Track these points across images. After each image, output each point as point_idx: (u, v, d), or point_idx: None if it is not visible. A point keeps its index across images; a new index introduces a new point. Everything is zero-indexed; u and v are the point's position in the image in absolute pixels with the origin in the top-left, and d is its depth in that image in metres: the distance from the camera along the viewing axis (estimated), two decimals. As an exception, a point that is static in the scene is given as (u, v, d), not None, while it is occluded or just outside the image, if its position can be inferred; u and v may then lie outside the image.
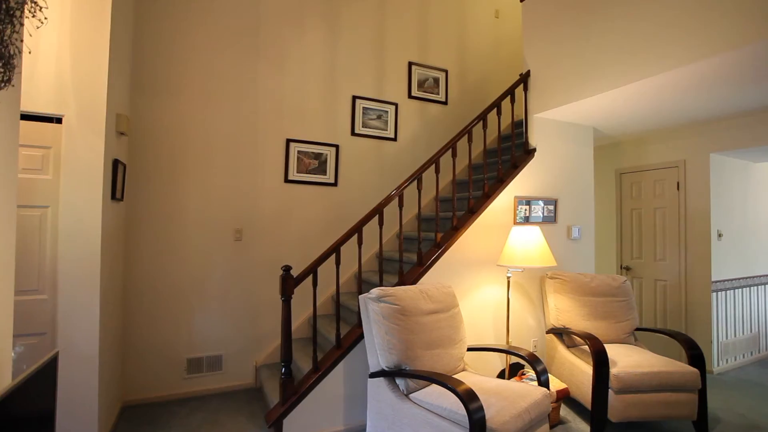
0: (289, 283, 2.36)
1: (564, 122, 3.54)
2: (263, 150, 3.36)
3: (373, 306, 2.25)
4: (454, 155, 3.03)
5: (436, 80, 4.16)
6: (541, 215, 3.36)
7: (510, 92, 3.32)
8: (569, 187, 3.53)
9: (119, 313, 2.77)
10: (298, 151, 3.46)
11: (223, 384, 3.16)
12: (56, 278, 2.13)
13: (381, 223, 2.70)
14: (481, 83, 4.43)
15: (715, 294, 3.57)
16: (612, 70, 2.76)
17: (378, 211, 2.67)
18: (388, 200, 2.70)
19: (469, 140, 3.11)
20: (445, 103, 4.18)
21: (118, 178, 2.54)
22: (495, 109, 3.32)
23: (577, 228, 3.55)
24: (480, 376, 2.34)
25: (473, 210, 3.05)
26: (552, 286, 3.12)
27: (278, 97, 3.42)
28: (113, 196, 2.48)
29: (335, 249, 2.53)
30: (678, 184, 3.78)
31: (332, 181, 3.58)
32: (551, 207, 3.41)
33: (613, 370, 2.44)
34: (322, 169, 3.55)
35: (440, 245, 2.89)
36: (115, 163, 2.49)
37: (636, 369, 2.43)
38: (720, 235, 3.62)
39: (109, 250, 2.44)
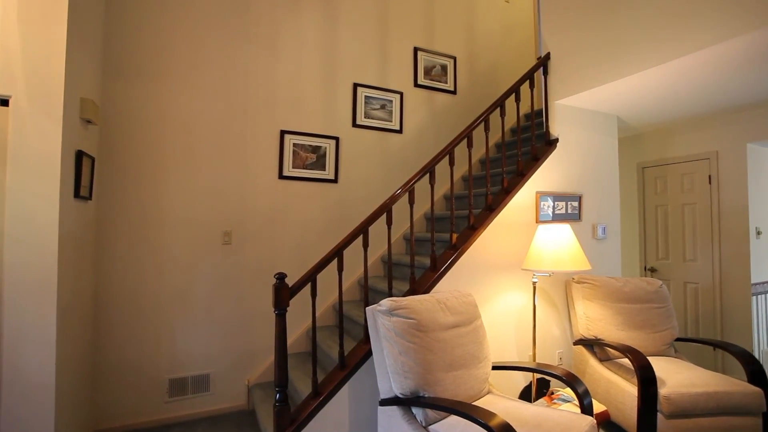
0: (283, 293, 2.00)
1: (587, 110, 3.21)
2: (255, 142, 3.00)
3: (383, 320, 1.90)
4: (469, 145, 2.69)
5: (444, 68, 3.82)
6: (565, 212, 3.03)
7: (529, 76, 2.99)
8: (593, 181, 3.20)
9: (88, 329, 2.40)
10: (294, 144, 3.11)
11: (211, 407, 2.79)
12: (0, 291, 1.76)
13: (389, 223, 2.36)
14: (491, 71, 4.10)
15: (755, 297, 3.24)
16: (643, 49, 2.43)
17: (386, 209, 2.32)
18: (396, 197, 2.35)
19: (486, 129, 2.77)
20: (453, 92, 3.85)
21: (83, 173, 2.18)
22: (513, 95, 2.99)
23: (602, 226, 3.22)
24: (509, 400, 2.00)
25: (492, 207, 2.71)
26: (580, 291, 2.78)
27: (271, 84, 3.07)
28: (77, 194, 2.12)
29: (337, 253, 2.18)
30: (710, 177, 3.46)
31: (332, 177, 3.23)
32: (575, 203, 3.08)
33: (663, 391, 2.10)
34: (320, 164, 3.20)
35: (456, 247, 2.54)
36: (79, 156, 2.13)
37: (690, 389, 2.09)
38: (759, 233, 3.30)
39: (72, 256, 2.08)
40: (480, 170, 3.87)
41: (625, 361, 2.50)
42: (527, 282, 2.80)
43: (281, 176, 3.06)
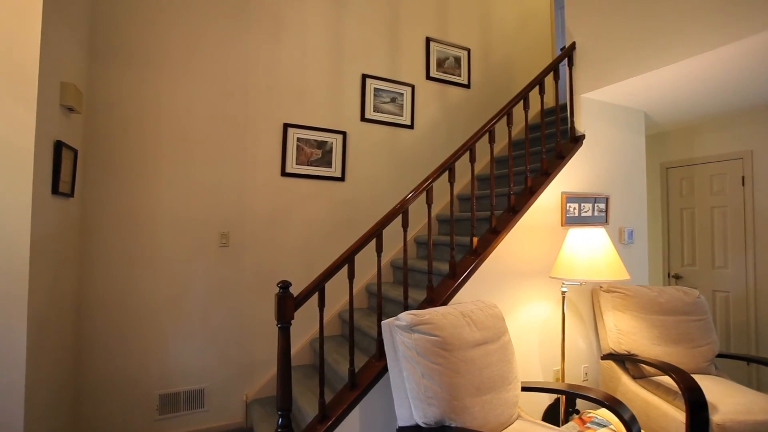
0: (287, 305, 1.76)
1: (613, 105, 2.99)
2: (255, 136, 2.76)
3: (403, 337, 1.66)
4: (491, 140, 2.46)
5: (458, 60, 3.59)
6: (591, 215, 2.79)
7: (553, 67, 2.76)
8: (620, 181, 2.97)
9: (69, 342, 2.15)
10: (298, 139, 2.87)
11: (205, 425, 2.55)
12: (-40, 303, 1.52)
13: (405, 226, 2.12)
14: (506, 65, 3.87)
15: (793, 308, 3.01)
16: (683, 37, 2.21)
17: (402, 209, 2.09)
18: (411, 197, 2.11)
19: (509, 123, 2.54)
20: (467, 86, 3.61)
21: (63, 167, 1.94)
22: (537, 87, 2.76)
23: (629, 230, 2.99)
24: (542, 426, 1.76)
25: (515, 209, 2.47)
26: (609, 301, 2.55)
27: (273, 73, 2.83)
28: (56, 190, 1.87)
29: (348, 259, 1.94)
30: (743, 178, 3.23)
31: (339, 174, 2.99)
32: (602, 205, 2.85)
33: (716, 418, 1.86)
34: (326, 161, 2.96)
35: (477, 252, 2.31)
36: (59, 147, 1.89)
37: (747, 416, 1.86)
38: (797, 239, 3.07)
39: (48, 261, 1.83)
40: (497, 169, 3.64)
41: (665, 379, 2.27)
42: (552, 291, 2.57)
43: (284, 173, 2.82)
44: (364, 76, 3.13)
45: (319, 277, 1.88)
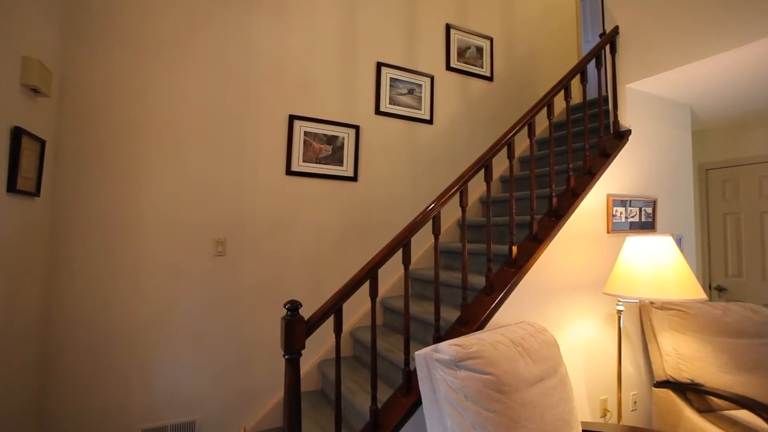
0: (297, 331, 1.41)
1: (658, 97, 2.67)
2: (257, 129, 2.42)
3: (445, 375, 1.31)
4: (531, 134, 2.12)
5: (479, 49, 3.27)
6: (639, 220, 2.46)
7: (596, 53, 2.43)
8: (667, 183, 2.64)
9: (33, 367, 1.79)
10: (305, 133, 2.53)
11: (196, 464, 2.19)
12: None
13: (437, 232, 1.78)
14: (530, 57, 3.55)
15: None
16: (740, 20, 1.91)
17: (432, 213, 1.74)
18: (443, 199, 1.77)
19: (550, 114, 2.22)
20: (490, 78, 3.29)
21: (24, 159, 1.59)
22: (579, 76, 2.44)
23: (678, 237, 2.65)
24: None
25: (558, 213, 2.14)
26: (666, 320, 2.21)
27: (278, 60, 2.50)
28: (13, 188, 1.53)
29: (370, 272, 1.60)
30: (799, 180, 2.91)
31: (351, 174, 2.65)
32: (649, 209, 2.52)
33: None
34: (337, 158, 2.62)
35: (518, 264, 1.97)
36: (17, 135, 1.54)
37: None
38: None
39: (2, 271, 1.48)
40: (525, 168, 3.31)
41: (743, 415, 1.92)
42: (599, 308, 2.23)
43: (289, 171, 2.48)
44: (379, 65, 2.80)
45: (335, 297, 1.53)
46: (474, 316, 1.83)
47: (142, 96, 2.16)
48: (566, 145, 2.44)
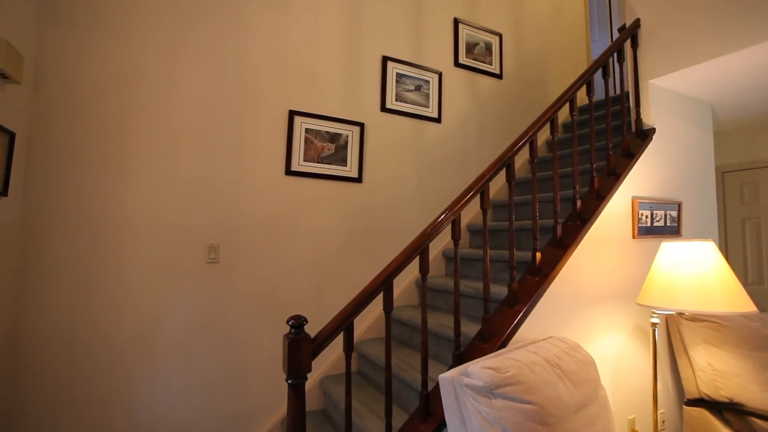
0: (303, 351, 1.22)
1: (682, 95, 2.53)
2: (254, 125, 2.23)
3: (478, 404, 1.12)
4: (553, 131, 1.96)
5: (488, 46, 3.11)
6: (663, 224, 2.30)
7: (618, 47, 2.28)
8: (690, 185, 2.49)
9: (-5, 394, 1.57)
10: (307, 130, 2.35)
11: (184, 496, 1.96)
12: None
13: (457, 238, 1.59)
14: (539, 56, 3.41)
15: None
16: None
17: (452, 216, 1.56)
18: (463, 201, 1.60)
19: (572, 110, 2.06)
20: (499, 76, 3.13)
21: (-13, 153, 1.39)
22: (601, 70, 2.29)
23: (702, 244, 2.49)
24: None
25: (583, 217, 1.96)
26: (699, 333, 2.04)
27: (278, 51, 2.32)
28: (-28, 185, 1.32)
29: (384, 282, 1.41)
30: (824, 184, 2.79)
31: (355, 174, 2.47)
32: (674, 213, 2.36)
33: None
34: (340, 157, 2.43)
35: (542, 272, 1.79)
36: (-21, 124, 1.33)
37: None
38: None
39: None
40: (540, 168, 3.14)
41: (790, 440, 1.75)
42: (626, 319, 2.06)
43: (289, 171, 2.29)
44: (385, 59, 2.63)
45: (345, 311, 1.34)
46: (496, 331, 1.65)
47: (131, 88, 1.96)
48: (586, 144, 2.28)
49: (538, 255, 1.82)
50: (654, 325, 1.80)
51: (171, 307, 1.98)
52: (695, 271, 1.64)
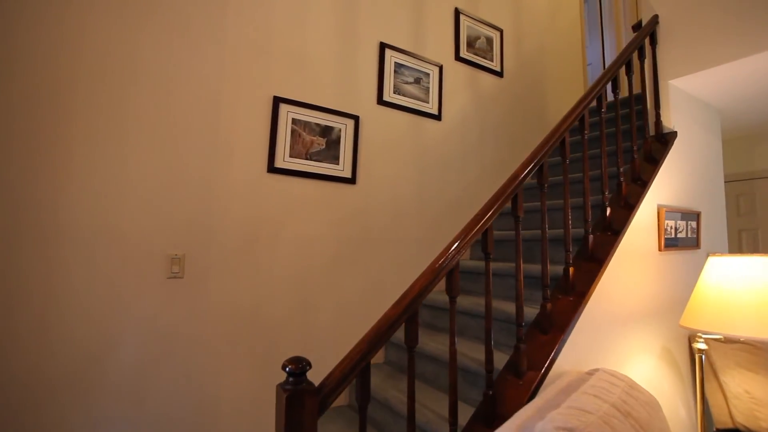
0: (305, 409, 0.88)
1: (696, 98, 2.39)
2: (232, 111, 1.86)
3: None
4: (582, 131, 1.73)
5: (490, 41, 2.89)
6: (685, 236, 2.13)
7: (639, 43, 2.10)
8: (706, 193, 2.35)
9: None
10: (294, 120, 2.00)
11: None
12: None
13: (488, 251, 1.30)
14: (538, 55, 3.23)
15: None
16: None
17: (482, 226, 1.27)
18: (496, 206, 1.31)
19: (599, 109, 1.84)
20: (500, 74, 2.91)
21: None
22: (624, 67, 2.09)
23: (717, 257, 2.35)
24: None
25: (615, 228, 1.74)
26: (731, 356, 1.85)
27: (262, 27, 1.97)
28: None
29: (408, 309, 1.09)
30: (824, 196, 2.74)
31: (348, 174, 2.14)
32: (693, 224, 2.20)
33: None
34: (332, 154, 2.10)
35: (576, 290, 1.53)
36: None
37: None
38: None
39: None
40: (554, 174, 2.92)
41: None
42: (653, 342, 1.84)
43: (272, 168, 1.93)
44: (383, 45, 2.33)
45: (359, 348, 1.01)
46: (532, 363, 1.37)
47: (76, 59, 1.55)
48: (596, 147, 2.08)
49: (571, 270, 1.56)
50: (701, 351, 1.58)
51: (121, 335, 1.56)
52: (757, 293, 1.43)
